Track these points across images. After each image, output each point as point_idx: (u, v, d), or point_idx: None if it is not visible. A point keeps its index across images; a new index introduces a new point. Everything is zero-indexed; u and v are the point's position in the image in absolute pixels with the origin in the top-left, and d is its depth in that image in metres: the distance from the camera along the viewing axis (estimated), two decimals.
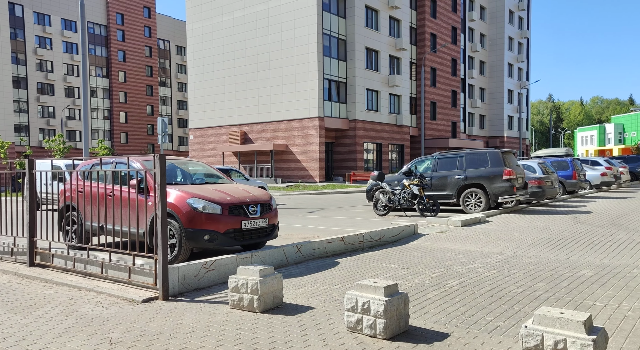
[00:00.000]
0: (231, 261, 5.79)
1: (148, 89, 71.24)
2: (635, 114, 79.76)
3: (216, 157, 38.51)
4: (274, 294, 4.63)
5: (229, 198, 6.56)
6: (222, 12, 37.50)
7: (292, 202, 18.95)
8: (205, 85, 38.97)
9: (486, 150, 13.50)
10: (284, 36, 33.73)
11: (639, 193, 19.80)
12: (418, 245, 8.23)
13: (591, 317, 2.93)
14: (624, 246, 7.55)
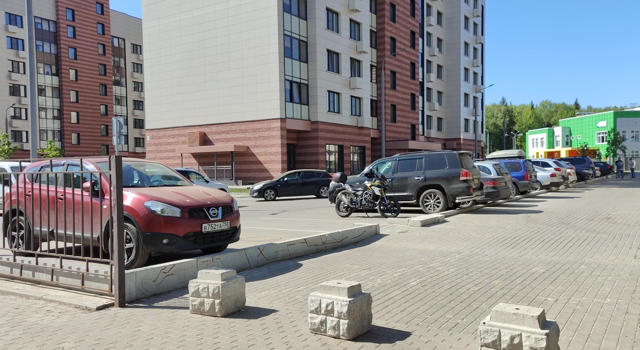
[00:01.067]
0: (191, 265, 5.65)
1: (101, 88, 68.61)
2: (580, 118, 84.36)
3: (174, 159, 37.58)
4: (236, 298, 4.55)
5: (189, 200, 6.40)
6: (180, 10, 36.68)
7: (253, 205, 18.76)
8: (162, 85, 37.96)
9: (444, 152, 13.87)
10: (245, 36, 33.39)
11: (584, 193, 20.92)
12: (380, 246, 8.34)
13: (544, 313, 3.05)
14: (572, 243, 7.95)
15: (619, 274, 5.70)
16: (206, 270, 4.55)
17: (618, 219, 11.20)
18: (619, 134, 69.32)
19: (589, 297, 4.73)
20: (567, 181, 24.65)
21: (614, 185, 26.30)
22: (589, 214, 12.22)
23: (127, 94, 74.20)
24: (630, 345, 3.44)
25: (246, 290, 5.31)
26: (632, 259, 6.57)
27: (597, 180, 33.58)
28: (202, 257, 5.90)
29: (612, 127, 71.74)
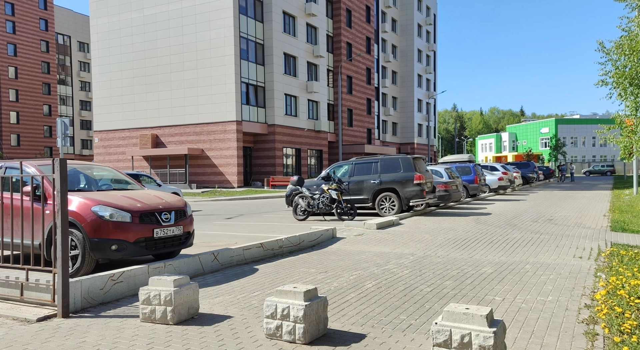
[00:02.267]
0: (142, 272, 5.45)
1: (44, 87, 65.03)
2: (525, 124, 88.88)
3: (125, 162, 36.19)
4: (189, 305, 4.43)
5: (140, 205, 6.17)
6: (131, 8, 35.46)
7: (208, 209, 18.38)
8: (112, 85, 36.50)
9: (399, 156, 14.18)
10: (199, 37, 32.74)
11: (529, 196, 22.02)
12: (336, 249, 8.38)
13: (492, 311, 3.17)
14: (518, 244, 8.33)
15: (560, 272, 6.02)
16: (158, 277, 4.40)
17: (559, 220, 11.86)
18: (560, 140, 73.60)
19: (533, 295, 4.97)
20: (514, 184, 25.87)
21: (556, 189, 27.86)
22: (533, 216, 12.86)
23: (74, 93, 70.78)
24: (570, 340, 3.64)
25: (200, 296, 5.18)
26: (571, 258, 6.97)
27: (541, 183, 35.44)
28: (153, 264, 5.70)
29: (554, 133, 76.08)
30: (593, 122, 71.83)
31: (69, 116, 69.50)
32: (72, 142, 69.16)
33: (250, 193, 26.84)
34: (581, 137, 77.68)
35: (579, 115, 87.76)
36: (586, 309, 4.36)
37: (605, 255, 6.89)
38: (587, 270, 6.11)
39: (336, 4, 44.05)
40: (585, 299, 4.73)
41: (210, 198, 23.71)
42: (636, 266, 5.70)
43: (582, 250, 7.57)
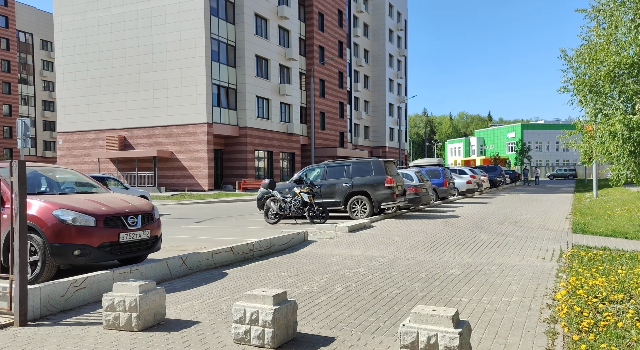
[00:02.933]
0: (106, 277, 5.29)
1: (5, 86, 62.47)
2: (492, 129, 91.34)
3: (91, 164, 35.13)
4: (156, 311, 4.32)
5: (105, 209, 6.00)
6: (98, 7, 34.55)
7: (177, 212, 18.04)
8: (77, 85, 35.40)
9: (370, 159, 14.31)
10: (169, 38, 32.19)
11: (496, 199, 22.60)
12: (308, 252, 8.37)
13: (458, 313, 3.23)
14: (485, 246, 8.53)
15: (524, 273, 6.20)
16: (122, 282, 4.28)
17: (524, 222, 12.21)
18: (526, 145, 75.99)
19: (498, 296, 5.09)
20: (481, 188, 26.51)
21: (521, 192, 28.70)
22: (500, 219, 13.20)
23: (36, 93, 68.27)
24: (532, 339, 3.74)
25: (167, 302, 5.07)
26: (535, 259, 7.18)
27: (507, 187, 36.46)
28: (118, 269, 5.54)
29: (519, 138, 78.47)
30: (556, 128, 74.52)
31: (31, 117, 66.94)
32: (34, 143, 66.64)
33: (221, 196, 26.51)
34: (545, 141, 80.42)
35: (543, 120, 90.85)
36: (548, 309, 4.50)
37: (566, 256, 7.14)
38: (549, 271, 6.31)
39: (308, 8, 44.20)
40: (547, 299, 4.88)
41: (179, 201, 23.29)
42: (594, 267, 5.92)
43: (545, 251, 7.81)
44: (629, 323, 3.63)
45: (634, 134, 9.54)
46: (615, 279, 5.06)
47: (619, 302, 4.18)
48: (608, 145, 9.91)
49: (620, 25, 10.40)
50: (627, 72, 9.95)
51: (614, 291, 4.51)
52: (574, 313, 4.00)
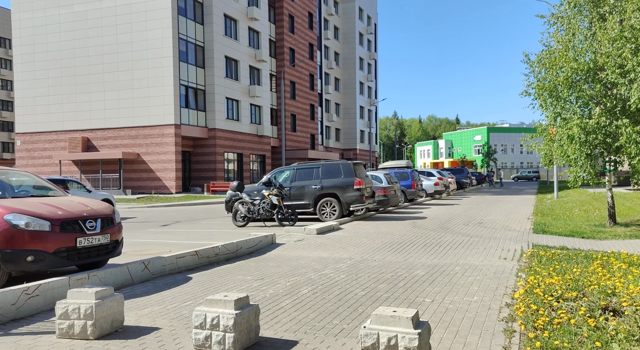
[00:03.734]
0: (62, 284, 5.08)
1: None
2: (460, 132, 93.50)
3: (52, 167, 33.87)
4: (113, 318, 4.18)
5: (61, 213, 5.77)
6: (59, 4, 33.38)
7: (143, 215, 17.60)
8: (37, 84, 34.08)
9: (339, 161, 14.38)
10: (135, 37, 31.43)
11: (463, 200, 23.10)
12: (275, 255, 8.31)
13: (418, 313, 3.26)
14: (450, 247, 8.69)
15: (486, 273, 6.34)
16: (77, 289, 4.12)
17: (488, 223, 12.52)
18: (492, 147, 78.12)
19: (460, 296, 5.19)
20: (449, 189, 27.06)
21: (487, 193, 29.46)
22: (465, 220, 13.49)
23: None
24: (490, 337, 3.82)
25: (127, 308, 4.92)
26: (497, 259, 7.36)
27: (474, 188, 37.35)
28: (76, 275, 5.34)
29: (486, 141, 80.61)
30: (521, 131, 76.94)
31: None
32: None
33: (189, 199, 26.05)
34: (510, 144, 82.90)
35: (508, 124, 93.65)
36: (506, 308, 4.61)
37: (527, 256, 7.35)
38: (510, 270, 6.48)
39: (278, 9, 44.09)
40: (506, 298, 5.01)
41: (146, 204, 22.74)
42: (552, 266, 6.12)
43: (507, 251, 8.02)
44: (581, 320, 3.76)
45: (590, 137, 9.95)
46: (571, 277, 5.23)
47: (572, 299, 4.32)
48: (566, 148, 10.29)
49: (577, 33, 10.83)
50: (584, 78, 10.37)
51: (568, 289, 4.66)
52: (530, 311, 4.11)
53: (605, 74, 9.84)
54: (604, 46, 9.92)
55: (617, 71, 9.62)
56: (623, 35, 9.44)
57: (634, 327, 3.52)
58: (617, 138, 9.79)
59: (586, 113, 10.62)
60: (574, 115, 10.36)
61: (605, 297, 4.24)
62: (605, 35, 9.77)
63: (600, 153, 10.59)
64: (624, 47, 9.43)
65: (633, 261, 6.26)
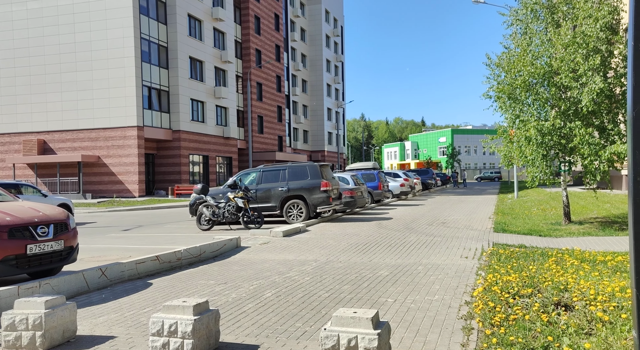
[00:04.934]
0: (10, 294, 4.82)
1: None
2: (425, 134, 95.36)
3: (5, 170, 32.29)
4: (65, 327, 4.00)
5: (10, 218, 5.49)
6: (12, 0, 31.93)
7: (104, 220, 17.03)
8: None
9: (306, 163, 14.37)
10: (94, 36, 30.42)
11: (427, 200, 23.54)
12: (240, 259, 8.20)
13: (378, 314, 3.27)
14: (414, 247, 8.81)
15: (447, 272, 6.46)
16: (25, 298, 3.92)
17: (451, 223, 12.80)
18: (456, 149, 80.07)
19: (421, 295, 5.26)
20: (414, 190, 27.52)
21: (451, 194, 30.14)
22: (429, 220, 13.74)
23: None
24: (449, 335, 3.89)
25: (81, 317, 4.72)
26: (459, 258, 7.52)
27: (439, 189, 38.14)
28: (26, 284, 5.08)
29: (450, 142, 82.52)
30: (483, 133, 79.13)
31: None
32: None
33: (152, 202, 25.40)
34: (473, 146, 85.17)
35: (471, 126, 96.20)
36: (466, 306, 4.70)
37: (487, 254, 7.54)
38: (470, 269, 6.62)
39: (244, 10, 43.74)
40: (466, 296, 5.11)
41: (107, 208, 22.02)
42: (510, 264, 6.30)
43: (468, 250, 8.21)
44: (535, 315, 3.88)
45: (546, 138, 10.33)
46: (527, 274, 5.40)
47: (528, 296, 4.45)
48: (524, 150, 10.65)
49: (534, 37, 11.24)
50: (540, 82, 10.76)
51: (524, 286, 4.81)
52: (488, 309, 4.20)
53: (560, 77, 10.24)
54: (558, 51, 10.33)
55: (570, 75, 10.03)
56: (575, 41, 9.86)
57: (583, 321, 3.65)
58: (571, 139, 10.21)
59: (543, 115, 11.02)
60: (531, 117, 10.74)
61: (558, 292, 4.40)
62: (559, 40, 10.18)
63: (555, 154, 11.01)
64: (576, 53, 9.85)
65: (585, 257, 6.53)
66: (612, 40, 9.90)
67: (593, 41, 9.72)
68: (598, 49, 9.83)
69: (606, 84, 9.68)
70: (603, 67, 9.92)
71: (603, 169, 9.76)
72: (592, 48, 9.79)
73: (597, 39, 9.73)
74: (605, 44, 9.83)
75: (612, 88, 9.87)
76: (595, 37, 9.69)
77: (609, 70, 10.10)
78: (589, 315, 3.76)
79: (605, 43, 9.82)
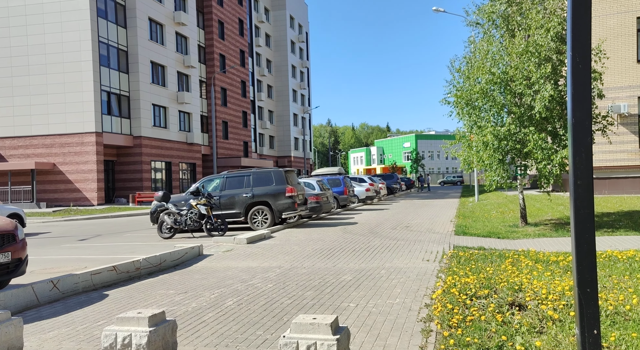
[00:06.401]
0: None
1: None
2: (390, 139, 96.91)
3: None
4: (10, 344, 3.78)
5: None
6: None
7: (59, 230, 16.32)
8: None
9: (271, 169, 14.27)
10: (49, 39, 29.26)
11: (392, 205, 23.87)
12: (202, 267, 8.04)
13: (337, 319, 3.27)
14: (378, 251, 8.89)
15: (409, 275, 6.55)
16: None
17: (414, 227, 13.01)
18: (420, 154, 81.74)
19: (383, 299, 5.30)
20: (380, 195, 27.85)
21: (415, 198, 30.69)
22: (394, 224, 13.92)
23: None
24: (409, 338, 3.93)
25: (29, 332, 4.49)
26: (420, 261, 7.64)
27: (403, 193, 38.76)
28: None
29: (414, 147, 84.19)
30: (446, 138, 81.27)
31: None
32: None
33: (112, 211, 24.57)
34: (436, 150, 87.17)
35: (434, 131, 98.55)
36: (425, 308, 4.77)
37: (447, 257, 7.70)
38: (431, 272, 6.74)
39: (207, 15, 43.24)
40: (426, 298, 5.19)
41: (63, 218, 21.12)
42: (469, 266, 6.45)
43: (430, 253, 8.36)
44: (490, 316, 3.98)
45: (502, 144, 10.69)
46: (484, 276, 5.54)
47: (484, 297, 4.57)
48: (482, 154, 10.99)
49: (492, 46, 11.64)
50: (497, 89, 11.15)
51: (481, 287, 4.93)
52: (446, 311, 4.28)
53: (515, 84, 10.65)
54: (513, 59, 10.75)
55: (524, 83, 10.45)
56: (528, 50, 10.29)
57: (535, 320, 3.78)
58: (526, 144, 10.61)
59: (499, 121, 11.41)
60: (488, 123, 11.09)
61: (512, 293, 4.53)
62: (514, 49, 10.59)
63: (512, 158, 11.41)
64: (529, 61, 10.28)
65: (539, 258, 6.78)
66: (562, 49, 10.38)
67: (545, 50, 10.17)
68: (549, 57, 10.29)
69: (557, 91, 10.13)
70: (554, 75, 10.38)
71: (555, 172, 10.18)
72: (544, 57, 10.24)
73: (549, 49, 10.19)
74: (556, 53, 10.30)
75: (562, 95, 10.34)
76: (547, 47, 10.14)
77: (559, 78, 10.59)
78: (540, 314, 3.90)
79: (556, 52, 10.30)
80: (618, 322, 3.81)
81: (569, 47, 2.20)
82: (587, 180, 2.19)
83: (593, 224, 2.13)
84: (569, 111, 2.17)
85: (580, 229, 2.20)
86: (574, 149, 2.20)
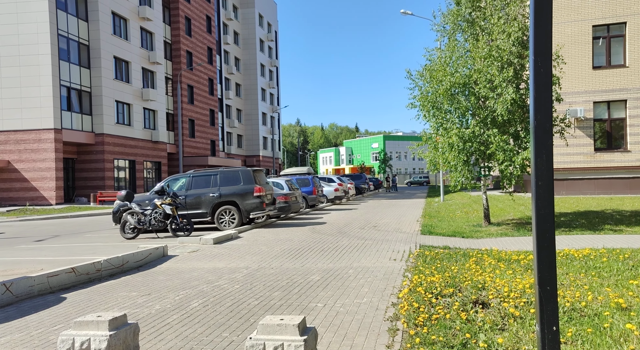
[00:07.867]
0: None
1: None
2: (359, 139, 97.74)
3: None
4: None
5: None
6: None
7: (13, 230, 15.57)
8: None
9: (238, 168, 14.09)
10: (3, 31, 27.87)
11: (361, 204, 24.06)
12: (166, 268, 7.84)
13: (305, 320, 3.24)
14: (346, 251, 8.93)
15: (377, 275, 6.60)
16: None
17: (382, 226, 13.15)
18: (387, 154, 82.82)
19: (350, 299, 5.32)
20: (348, 195, 28.03)
21: (383, 198, 31.06)
22: (362, 224, 14.02)
23: None
24: (375, 337, 3.95)
25: None
26: (387, 261, 7.72)
27: (372, 193, 39.16)
28: None
29: (382, 148, 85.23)
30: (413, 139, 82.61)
31: None
32: None
33: (72, 210, 23.67)
34: (404, 151, 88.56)
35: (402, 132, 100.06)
36: (392, 307, 4.81)
37: (414, 256, 7.82)
38: (398, 271, 6.82)
39: (174, 11, 42.33)
40: (393, 297, 5.24)
41: (18, 218, 20.18)
42: (435, 265, 6.57)
43: (397, 253, 8.46)
44: (455, 314, 4.06)
45: (467, 145, 10.95)
46: (449, 274, 5.65)
47: (449, 295, 4.66)
48: (447, 155, 11.22)
49: (455, 50, 11.90)
50: (461, 91, 11.41)
51: (447, 286, 5.02)
52: (412, 309, 4.33)
53: (479, 87, 10.93)
54: (477, 63, 11.02)
55: (487, 86, 10.73)
56: (491, 54, 10.58)
57: (497, 317, 3.88)
58: (489, 146, 10.91)
59: (464, 123, 11.68)
60: (453, 125, 11.33)
61: (476, 291, 4.64)
62: (477, 53, 10.87)
63: (476, 160, 11.71)
64: (492, 65, 10.57)
65: (501, 257, 6.98)
66: (523, 54, 10.73)
67: (507, 55, 10.48)
68: (511, 62, 10.61)
69: (518, 95, 10.46)
70: (516, 79, 10.72)
71: (516, 173, 10.51)
72: (506, 61, 10.55)
73: (510, 53, 10.50)
74: (517, 57, 10.64)
75: (524, 99, 10.69)
76: (509, 51, 10.46)
77: (521, 82, 10.94)
78: (502, 312, 4.00)
79: (517, 57, 10.63)
80: (575, 318, 3.96)
81: (532, 51, 2.26)
82: (548, 181, 2.25)
83: (553, 224, 2.19)
84: (531, 113, 2.23)
85: (541, 228, 2.26)
86: (536, 150, 2.25)
